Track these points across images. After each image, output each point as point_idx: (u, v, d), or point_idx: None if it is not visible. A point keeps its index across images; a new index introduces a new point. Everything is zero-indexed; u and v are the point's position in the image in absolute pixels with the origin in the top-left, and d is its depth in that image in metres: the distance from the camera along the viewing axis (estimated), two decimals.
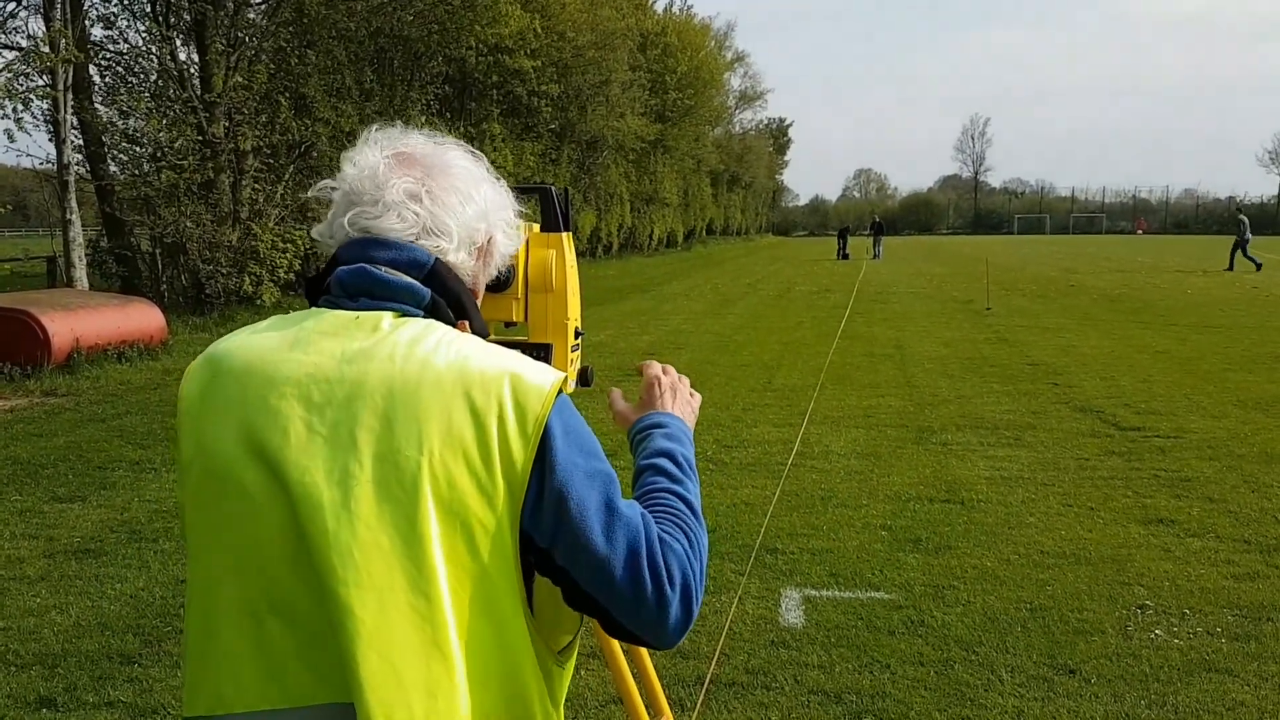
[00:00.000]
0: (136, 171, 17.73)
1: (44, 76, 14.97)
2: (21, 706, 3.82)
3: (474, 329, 1.39)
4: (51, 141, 15.27)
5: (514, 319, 2.05)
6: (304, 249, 19.22)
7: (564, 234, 2.06)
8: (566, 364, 2.05)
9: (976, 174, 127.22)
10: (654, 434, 1.52)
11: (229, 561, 1.27)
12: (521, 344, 2.05)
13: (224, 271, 17.25)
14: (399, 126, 1.46)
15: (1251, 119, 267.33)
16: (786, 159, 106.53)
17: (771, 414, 9.13)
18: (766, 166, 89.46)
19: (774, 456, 7.50)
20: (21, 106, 14.54)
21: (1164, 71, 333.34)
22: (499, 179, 1.49)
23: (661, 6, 52.67)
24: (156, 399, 10.07)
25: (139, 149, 17.73)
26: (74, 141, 15.90)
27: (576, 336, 2.10)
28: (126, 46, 18.17)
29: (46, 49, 14.62)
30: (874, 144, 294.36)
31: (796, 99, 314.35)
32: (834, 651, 4.21)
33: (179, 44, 18.34)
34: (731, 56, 70.79)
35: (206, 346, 1.40)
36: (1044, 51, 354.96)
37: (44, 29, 15.04)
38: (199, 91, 17.85)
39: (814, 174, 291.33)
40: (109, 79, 18.12)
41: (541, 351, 2.02)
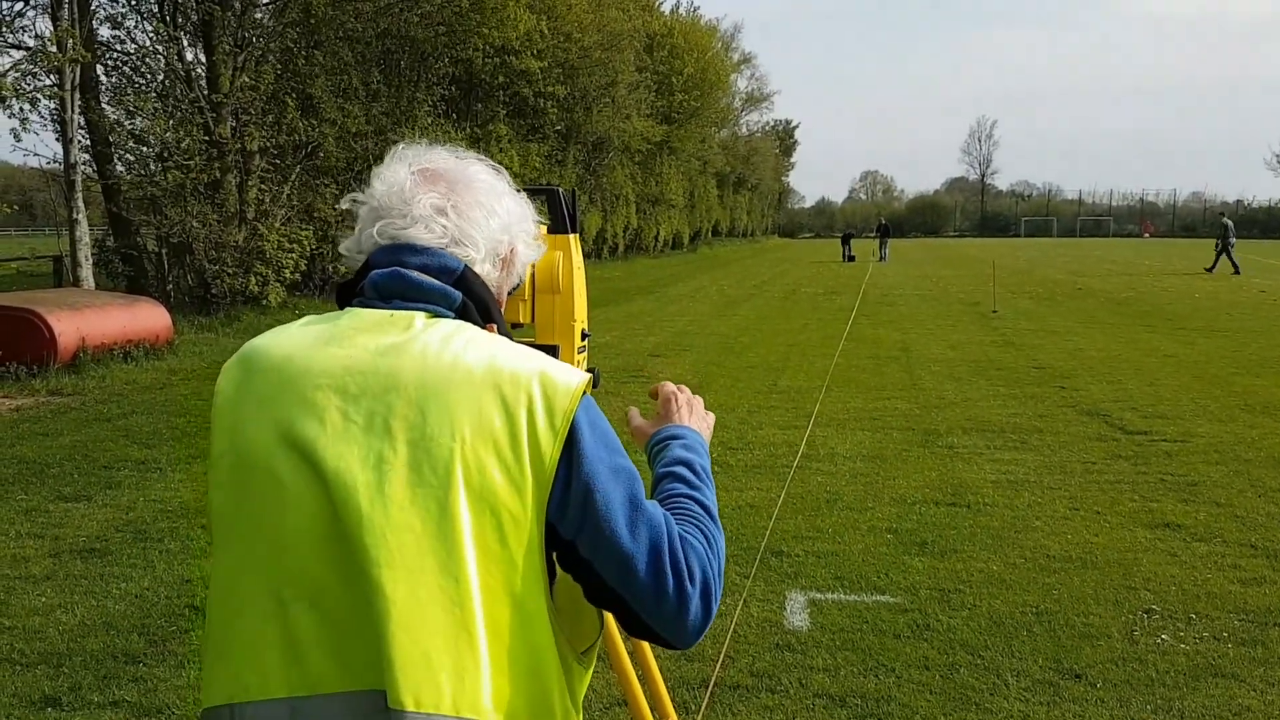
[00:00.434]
0: (143, 171, 17.76)
1: (51, 76, 15.00)
2: (26, 706, 3.82)
3: (500, 331, 1.44)
4: (58, 141, 15.33)
5: (521, 320, 2.05)
6: (310, 249, 19.25)
7: (571, 236, 2.06)
8: (573, 365, 2.05)
9: (983, 176, 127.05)
10: (671, 444, 1.58)
11: (257, 550, 1.29)
12: (528, 345, 2.04)
13: (230, 271, 17.27)
14: (423, 143, 1.51)
15: (1259, 121, 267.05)
16: (793, 161, 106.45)
17: (777, 416, 9.12)
18: (772, 168, 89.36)
19: (779, 459, 7.49)
20: (29, 106, 14.59)
21: (1171, 73, 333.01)
22: (519, 191, 1.54)
23: (668, 8, 52.71)
24: (162, 399, 10.08)
25: (145, 149, 17.77)
26: (81, 141, 15.94)
27: (583, 338, 2.10)
28: (134, 46, 18.23)
29: (54, 48, 14.65)
30: (880, 146, 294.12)
31: (803, 101, 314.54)
32: (839, 655, 4.20)
33: (186, 44, 18.39)
34: (738, 58, 70.87)
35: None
36: (1051, 53, 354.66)
37: (51, 28, 15.08)
38: (206, 91, 17.89)
39: (820, 176, 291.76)
40: (116, 79, 18.18)
41: (548, 353, 2.02)
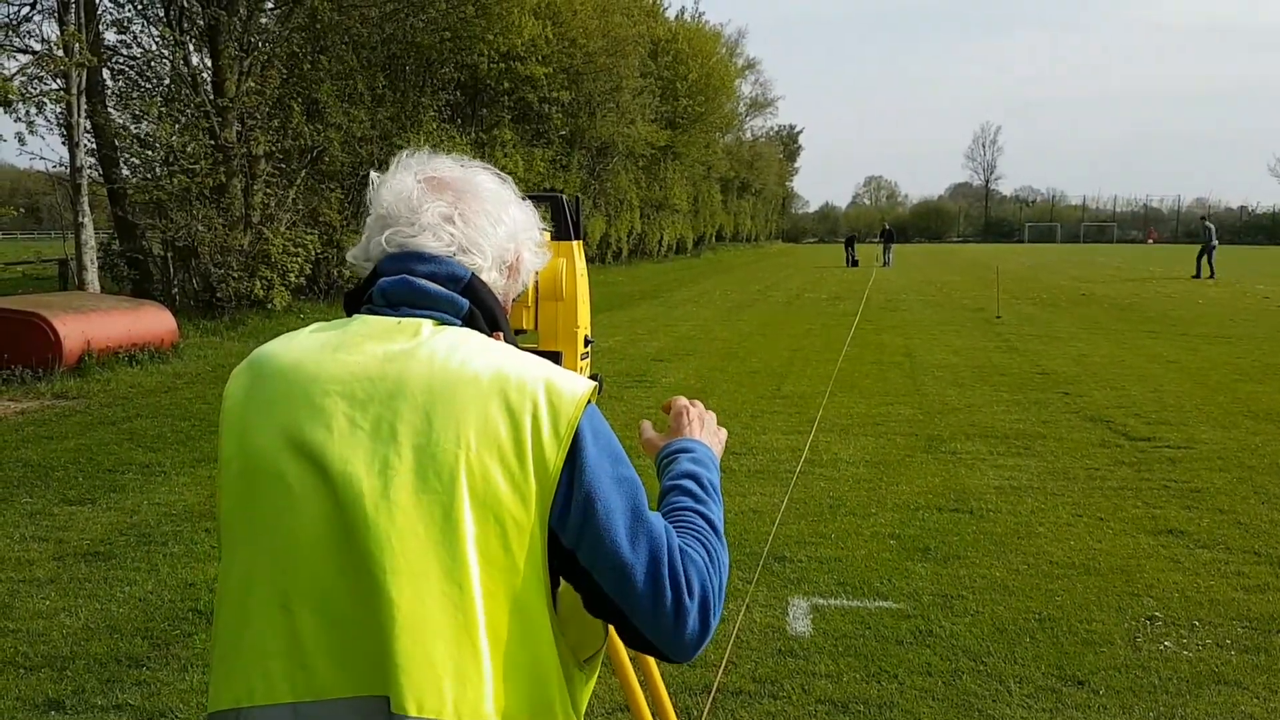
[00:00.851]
0: (148, 175, 17.79)
1: (58, 80, 15.05)
2: (30, 709, 3.83)
3: (506, 339, 1.45)
4: (65, 145, 15.34)
5: (525, 327, 2.06)
6: (315, 254, 19.28)
7: (575, 242, 2.07)
8: (576, 371, 2.06)
9: (987, 182, 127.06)
10: (680, 457, 1.56)
11: (264, 555, 1.30)
12: (531, 352, 2.05)
13: (235, 275, 17.30)
14: (428, 150, 1.52)
15: (1263, 128, 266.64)
16: (797, 166, 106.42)
17: (780, 421, 9.12)
18: (776, 173, 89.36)
19: (782, 464, 7.49)
20: (35, 110, 14.63)
21: (1175, 80, 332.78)
22: (524, 198, 1.56)
23: (673, 13, 52.76)
24: (167, 402, 10.10)
25: (151, 153, 17.80)
26: (87, 145, 15.97)
27: (586, 344, 2.11)
28: (140, 51, 18.26)
29: (60, 53, 14.70)
30: (884, 151, 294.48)
31: (807, 106, 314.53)
32: (841, 661, 4.20)
33: (192, 49, 18.42)
34: (742, 63, 70.80)
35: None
36: (1055, 59, 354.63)
37: (58, 32, 15.13)
38: (212, 96, 17.92)
39: (824, 181, 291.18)
40: (122, 83, 18.20)
41: (551, 359, 2.03)
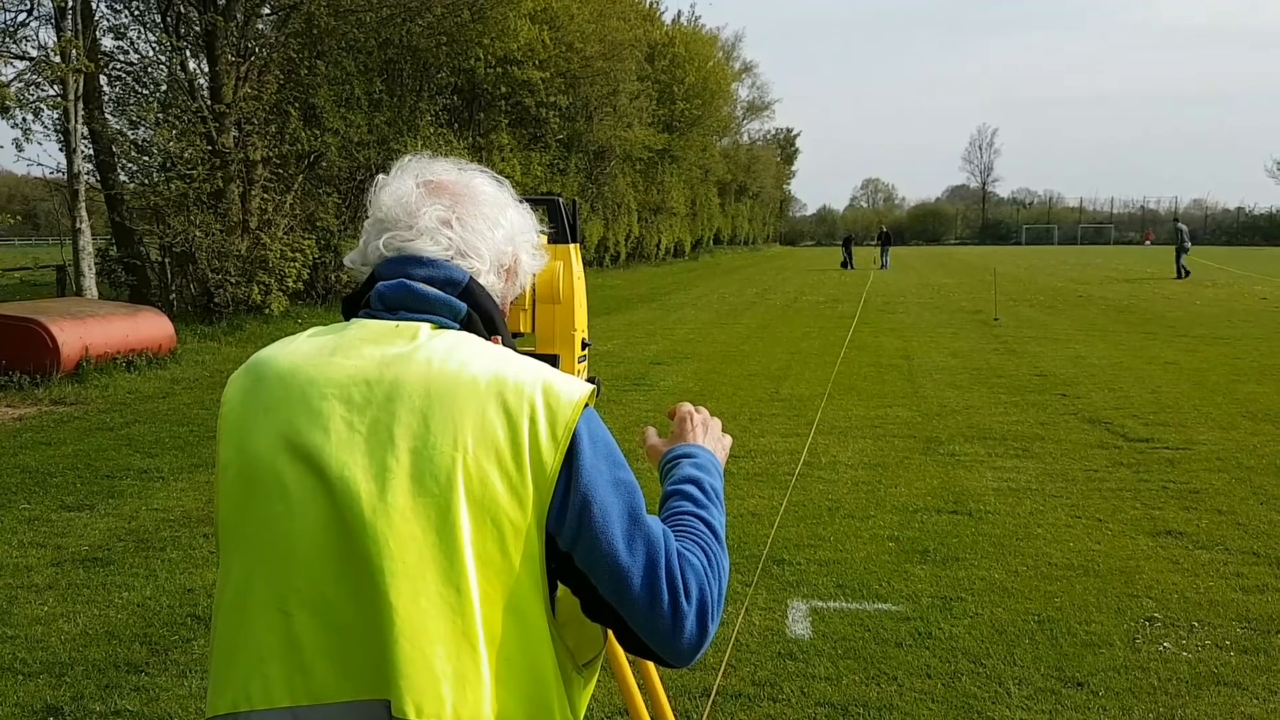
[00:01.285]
0: (146, 181, 17.81)
1: (55, 86, 15.06)
2: (29, 715, 3.83)
3: (504, 343, 1.45)
4: (62, 151, 15.35)
5: (522, 330, 2.06)
6: (312, 259, 19.28)
7: (571, 245, 2.07)
8: (574, 374, 2.06)
9: (984, 184, 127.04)
10: (682, 463, 1.56)
11: (263, 559, 1.29)
12: (529, 355, 2.05)
13: (233, 281, 17.30)
14: (426, 154, 1.52)
15: (1260, 129, 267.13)
16: (794, 169, 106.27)
17: (779, 424, 9.12)
18: (774, 176, 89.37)
19: (781, 467, 7.49)
20: (32, 116, 14.64)
21: (1171, 82, 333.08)
22: (521, 201, 1.56)
23: (670, 17, 52.86)
24: (165, 408, 10.09)
25: (149, 159, 17.82)
26: (84, 151, 15.97)
27: (584, 347, 2.11)
28: (137, 57, 18.30)
29: (57, 59, 14.71)
30: (882, 154, 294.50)
31: (804, 109, 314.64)
32: (841, 663, 4.20)
33: (189, 54, 18.44)
34: (739, 67, 70.91)
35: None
36: (1052, 61, 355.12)
37: (55, 39, 15.14)
38: (209, 102, 17.92)
39: (821, 184, 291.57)
40: (119, 89, 18.23)
41: (549, 363, 2.03)
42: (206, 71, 18.53)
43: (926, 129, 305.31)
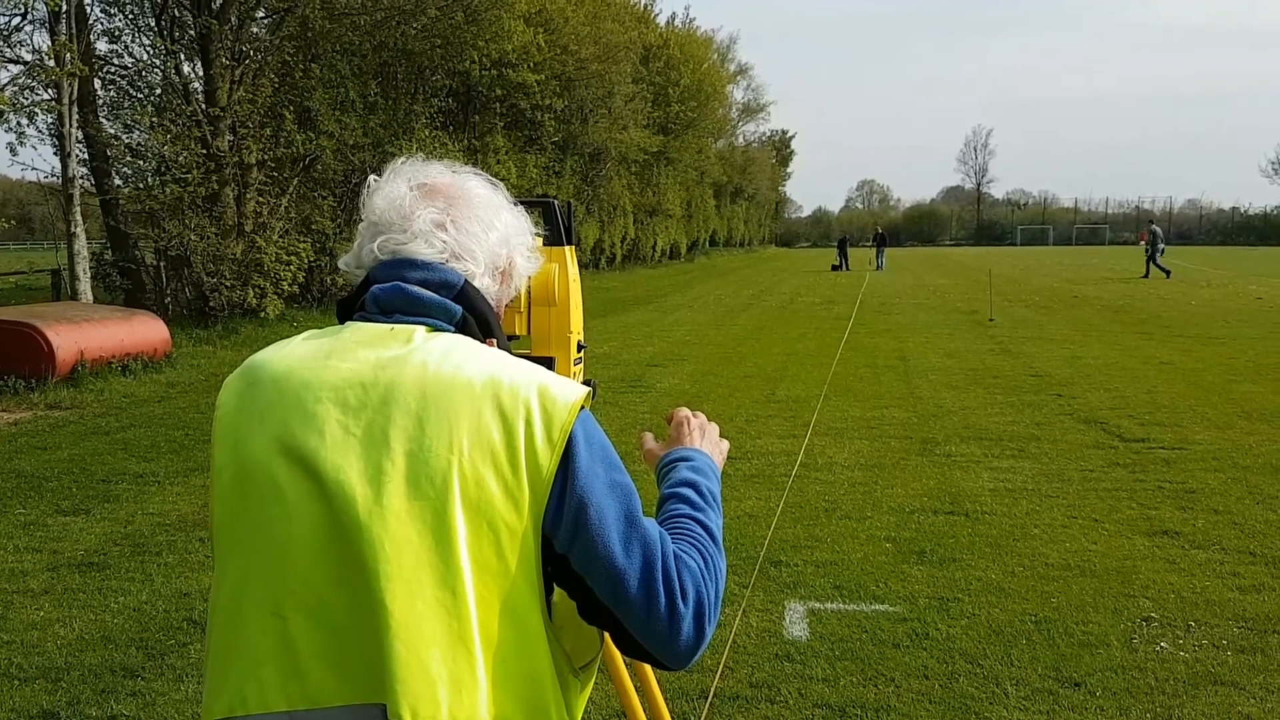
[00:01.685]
0: (141, 185, 17.77)
1: (49, 90, 15.04)
2: None
3: (500, 345, 1.45)
4: (56, 155, 15.36)
5: (517, 332, 2.06)
6: (308, 262, 19.26)
7: (567, 248, 2.07)
8: (570, 377, 2.06)
9: (979, 185, 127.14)
10: (680, 466, 1.56)
11: (257, 562, 1.29)
12: (524, 358, 2.05)
13: (228, 284, 17.29)
14: (421, 157, 1.52)
15: (1254, 129, 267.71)
16: (789, 170, 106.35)
17: (775, 425, 9.12)
18: (769, 178, 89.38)
19: (778, 468, 7.49)
20: (26, 120, 14.62)
21: (1166, 82, 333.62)
22: (516, 203, 1.55)
23: (665, 19, 52.89)
24: (160, 412, 10.07)
25: (143, 162, 17.79)
26: (79, 155, 15.96)
27: (579, 350, 2.11)
28: (131, 60, 18.30)
29: (51, 62, 14.69)
30: (877, 155, 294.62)
31: (800, 111, 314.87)
32: (838, 665, 4.20)
33: (183, 58, 18.42)
34: (734, 69, 70.89)
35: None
36: (1046, 62, 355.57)
37: (49, 42, 15.12)
38: (203, 105, 17.91)
39: (817, 185, 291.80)
40: (113, 93, 18.24)
41: (544, 365, 2.03)
42: (201, 75, 18.52)
43: (922, 131, 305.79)
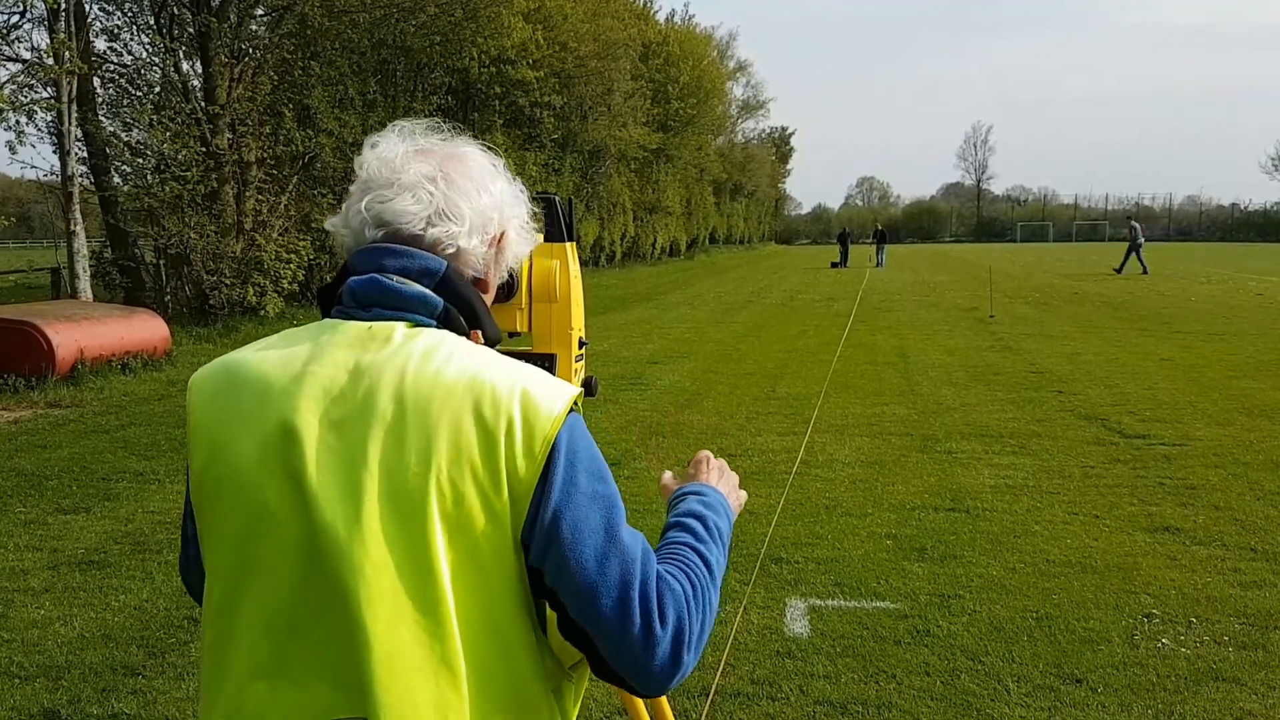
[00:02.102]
0: (140, 183, 17.76)
1: (48, 88, 15.03)
2: (26, 719, 3.81)
3: (486, 335, 1.40)
4: (55, 153, 15.35)
5: (518, 329, 2.05)
6: (307, 260, 19.25)
7: (568, 244, 2.06)
8: (571, 374, 2.05)
9: (979, 182, 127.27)
10: (690, 498, 1.51)
11: (245, 574, 1.27)
12: (525, 354, 2.04)
13: (228, 282, 17.28)
14: (422, 121, 1.47)
15: (1254, 126, 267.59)
16: (789, 167, 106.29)
17: (775, 422, 9.11)
18: (769, 175, 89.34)
19: (778, 465, 7.48)
20: (25, 118, 14.60)
21: (1167, 80, 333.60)
22: (515, 179, 1.52)
23: (664, 16, 52.91)
24: (161, 410, 10.07)
25: (143, 160, 17.78)
26: (78, 153, 15.95)
27: (580, 346, 2.10)
28: (130, 58, 18.26)
29: (50, 61, 14.68)
30: (877, 152, 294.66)
31: (799, 108, 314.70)
32: (839, 661, 4.20)
33: (182, 56, 18.40)
34: (734, 66, 70.87)
35: (210, 357, 1.40)
36: (1046, 59, 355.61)
37: (48, 41, 15.10)
38: (203, 103, 17.90)
39: (817, 182, 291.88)
40: (113, 91, 18.20)
41: (545, 362, 2.02)
42: (200, 73, 18.50)
43: (922, 128, 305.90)
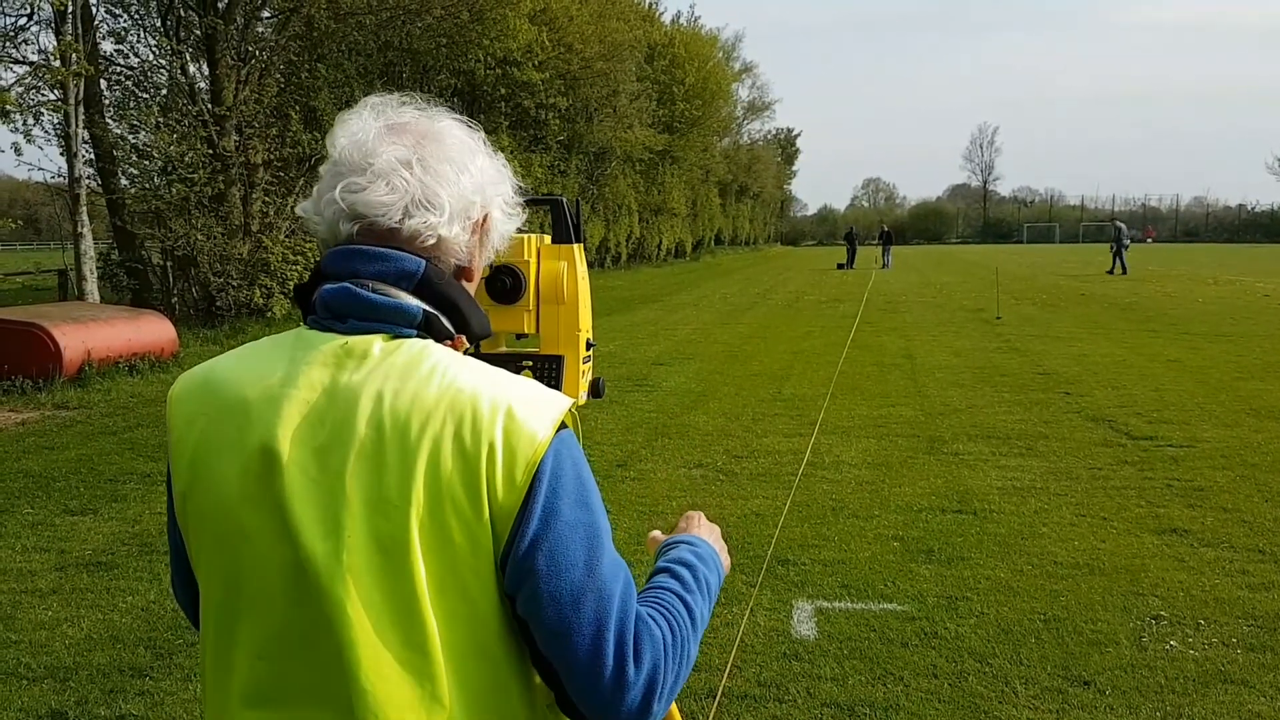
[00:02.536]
0: (147, 185, 17.81)
1: (55, 91, 15.06)
2: None
3: (473, 331, 1.33)
4: (63, 155, 15.36)
5: (525, 331, 2.05)
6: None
7: (575, 245, 2.05)
8: (579, 376, 2.05)
9: (985, 183, 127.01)
10: (681, 546, 1.45)
11: (240, 604, 1.25)
12: (533, 356, 2.04)
13: (235, 284, 17.32)
14: (395, 96, 1.36)
15: (1261, 127, 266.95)
16: (795, 169, 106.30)
17: (782, 424, 9.11)
18: (774, 176, 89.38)
19: (784, 467, 7.47)
20: (32, 120, 14.65)
21: (1172, 80, 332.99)
22: (496, 153, 1.41)
23: (669, 18, 52.85)
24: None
25: (149, 162, 17.82)
26: (85, 155, 15.98)
27: (588, 348, 2.10)
28: (137, 61, 18.29)
29: (57, 63, 14.71)
30: (882, 153, 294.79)
31: (805, 109, 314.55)
32: (846, 664, 4.19)
33: (189, 58, 18.44)
34: (739, 67, 70.87)
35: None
36: (1052, 60, 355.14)
37: (55, 43, 15.14)
38: (209, 105, 17.93)
39: (822, 184, 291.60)
40: (119, 93, 18.24)
41: (553, 363, 2.02)
42: (207, 75, 18.54)
43: (928, 129, 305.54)
